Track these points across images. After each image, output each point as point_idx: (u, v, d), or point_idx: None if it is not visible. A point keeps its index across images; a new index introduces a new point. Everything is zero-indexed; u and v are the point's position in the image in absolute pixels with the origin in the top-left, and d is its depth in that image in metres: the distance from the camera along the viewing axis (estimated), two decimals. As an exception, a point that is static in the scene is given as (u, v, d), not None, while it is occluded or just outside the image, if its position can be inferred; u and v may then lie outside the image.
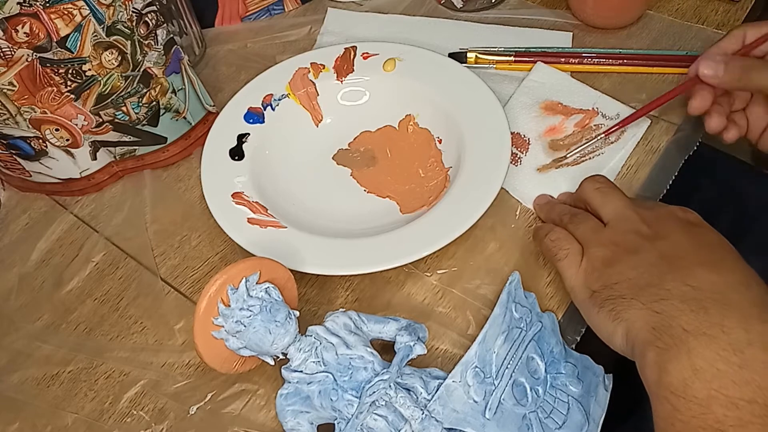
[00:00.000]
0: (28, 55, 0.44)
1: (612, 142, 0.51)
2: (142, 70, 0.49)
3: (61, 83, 0.46)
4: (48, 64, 0.45)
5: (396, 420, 0.35)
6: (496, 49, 0.59)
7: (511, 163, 0.49)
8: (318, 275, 0.47)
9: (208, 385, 0.43)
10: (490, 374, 0.37)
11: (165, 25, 0.50)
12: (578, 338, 0.43)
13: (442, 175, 0.51)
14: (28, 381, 0.45)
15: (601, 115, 0.53)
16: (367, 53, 0.57)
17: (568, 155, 0.51)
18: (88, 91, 0.47)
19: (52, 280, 0.50)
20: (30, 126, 0.48)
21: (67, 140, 0.50)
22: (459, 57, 0.58)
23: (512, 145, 0.49)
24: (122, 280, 0.50)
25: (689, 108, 0.47)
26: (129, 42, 0.47)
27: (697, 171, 0.55)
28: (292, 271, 0.46)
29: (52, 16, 0.43)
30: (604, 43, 0.59)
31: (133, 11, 0.46)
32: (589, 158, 0.51)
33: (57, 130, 0.49)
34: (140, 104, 0.50)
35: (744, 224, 0.53)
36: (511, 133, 0.50)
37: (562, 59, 0.57)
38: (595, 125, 0.53)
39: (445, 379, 0.36)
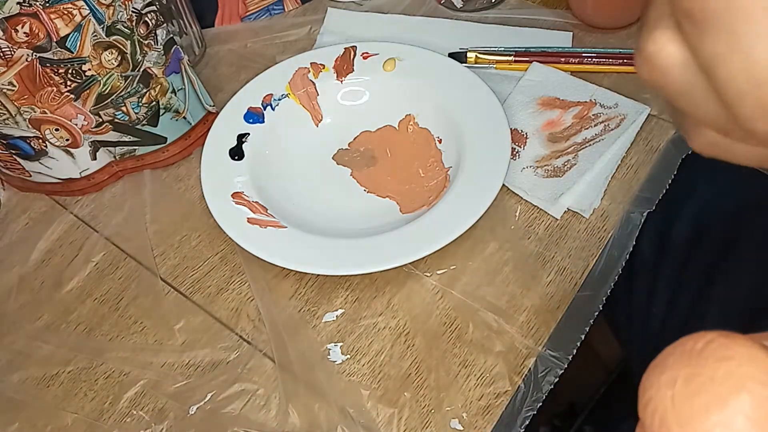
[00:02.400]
0: (27, 55, 0.44)
1: (612, 129, 0.52)
2: (141, 70, 0.49)
3: (61, 83, 0.46)
4: (48, 64, 0.45)
5: None
6: (496, 49, 0.59)
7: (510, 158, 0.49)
8: (318, 275, 0.47)
9: (208, 385, 0.43)
10: None
11: (165, 25, 0.50)
12: (578, 344, 0.43)
13: (442, 175, 0.51)
14: (28, 381, 0.45)
15: (599, 105, 0.53)
16: (367, 53, 0.57)
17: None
18: (87, 91, 0.47)
19: (52, 280, 0.50)
20: (30, 126, 0.48)
21: (67, 140, 0.50)
22: (459, 57, 0.58)
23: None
24: (122, 280, 0.50)
25: None
26: (129, 42, 0.47)
27: (696, 171, 0.55)
28: (292, 271, 0.46)
29: (52, 16, 0.43)
30: (604, 43, 0.59)
31: (132, 11, 0.46)
32: (589, 145, 0.51)
33: (57, 130, 0.49)
34: (140, 104, 0.50)
35: (742, 224, 0.53)
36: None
37: (562, 59, 0.57)
38: (593, 115, 0.53)
39: None
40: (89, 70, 0.46)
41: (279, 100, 0.55)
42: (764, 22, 0.14)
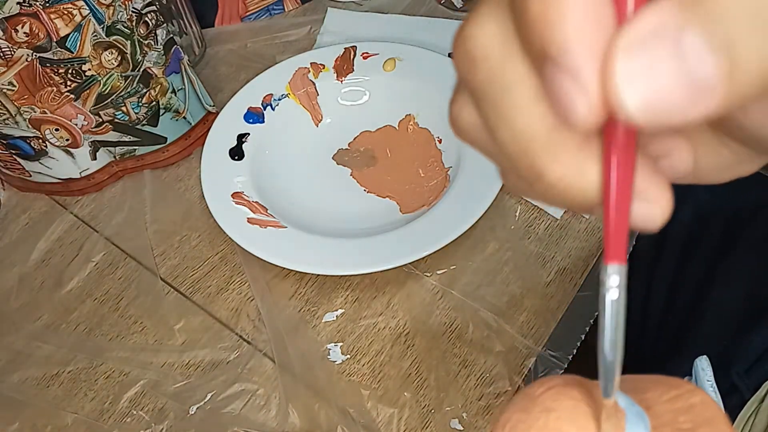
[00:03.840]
0: (27, 55, 0.44)
1: None
2: (141, 70, 0.49)
3: (61, 83, 0.46)
4: (48, 64, 0.45)
5: None
6: (496, 49, 0.59)
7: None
8: (318, 275, 0.47)
9: (208, 385, 0.43)
10: None
11: (165, 25, 0.50)
12: (578, 344, 0.43)
13: (442, 175, 0.51)
14: (28, 381, 0.45)
15: None
16: (367, 53, 0.57)
17: None
18: (87, 91, 0.47)
19: (52, 280, 0.50)
20: (30, 126, 0.48)
21: (67, 140, 0.50)
22: (459, 57, 0.57)
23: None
24: (122, 280, 0.50)
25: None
26: (129, 42, 0.47)
27: None
28: (292, 271, 0.46)
29: (52, 16, 0.43)
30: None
31: (132, 11, 0.46)
32: None
33: (57, 130, 0.49)
34: (140, 104, 0.50)
35: (738, 225, 0.53)
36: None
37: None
38: None
39: None
40: (89, 70, 0.46)
41: (279, 100, 0.55)
42: (519, 93, 0.14)
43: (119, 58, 0.47)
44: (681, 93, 0.12)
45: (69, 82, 0.46)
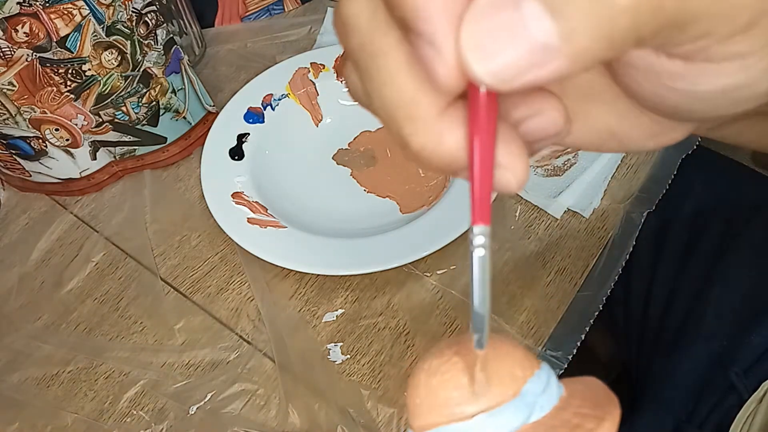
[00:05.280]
0: (27, 55, 0.44)
1: None
2: (141, 70, 0.49)
3: (61, 83, 0.46)
4: (48, 64, 0.45)
5: None
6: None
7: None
8: (318, 275, 0.47)
9: (207, 385, 0.43)
10: None
11: (165, 25, 0.50)
12: (578, 344, 0.43)
13: (442, 175, 0.51)
14: (28, 381, 0.45)
15: None
16: (367, 53, 0.57)
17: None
18: (87, 91, 0.47)
19: (52, 280, 0.50)
20: (30, 126, 0.48)
21: (67, 140, 0.50)
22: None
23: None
24: (122, 280, 0.50)
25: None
26: (129, 42, 0.47)
27: (692, 172, 0.55)
28: (292, 271, 0.46)
29: (52, 16, 0.43)
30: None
31: (132, 11, 0.46)
32: None
33: (57, 130, 0.49)
34: (140, 104, 0.50)
35: (738, 225, 0.53)
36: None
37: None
38: None
39: None
40: (89, 70, 0.46)
41: (279, 100, 0.55)
42: (386, 63, 0.15)
43: (119, 58, 0.47)
44: (525, 56, 0.13)
45: (69, 82, 0.46)
